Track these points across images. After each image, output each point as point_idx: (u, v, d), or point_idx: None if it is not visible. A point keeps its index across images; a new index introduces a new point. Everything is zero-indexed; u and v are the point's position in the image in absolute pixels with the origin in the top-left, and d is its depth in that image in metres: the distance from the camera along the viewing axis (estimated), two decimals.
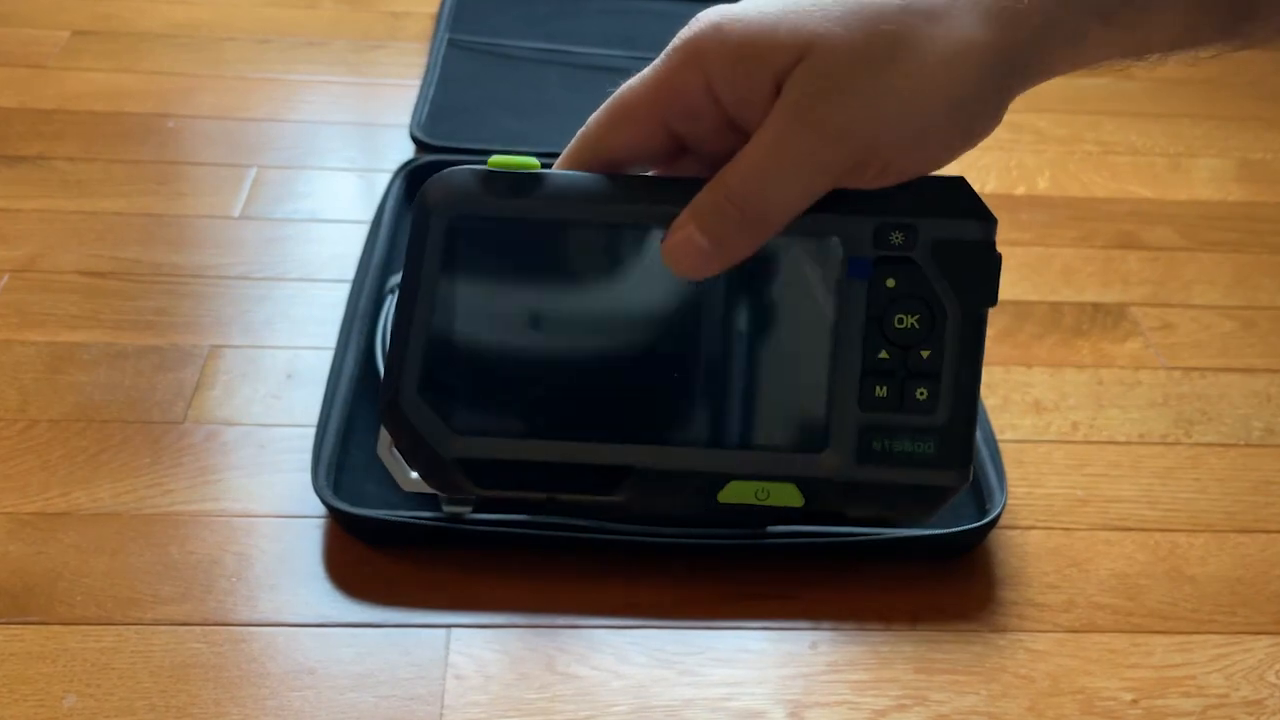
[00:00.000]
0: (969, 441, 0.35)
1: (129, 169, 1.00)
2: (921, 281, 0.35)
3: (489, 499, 0.60)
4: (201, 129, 1.07)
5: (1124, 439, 0.79)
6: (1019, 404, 0.82)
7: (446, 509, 0.67)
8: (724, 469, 0.36)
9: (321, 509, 0.69)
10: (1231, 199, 1.06)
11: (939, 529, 0.68)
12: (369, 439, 0.73)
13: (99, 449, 0.73)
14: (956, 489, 0.35)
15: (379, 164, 1.03)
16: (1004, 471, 0.73)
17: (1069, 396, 0.83)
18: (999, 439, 0.77)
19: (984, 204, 0.35)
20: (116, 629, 0.63)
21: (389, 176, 0.97)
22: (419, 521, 0.67)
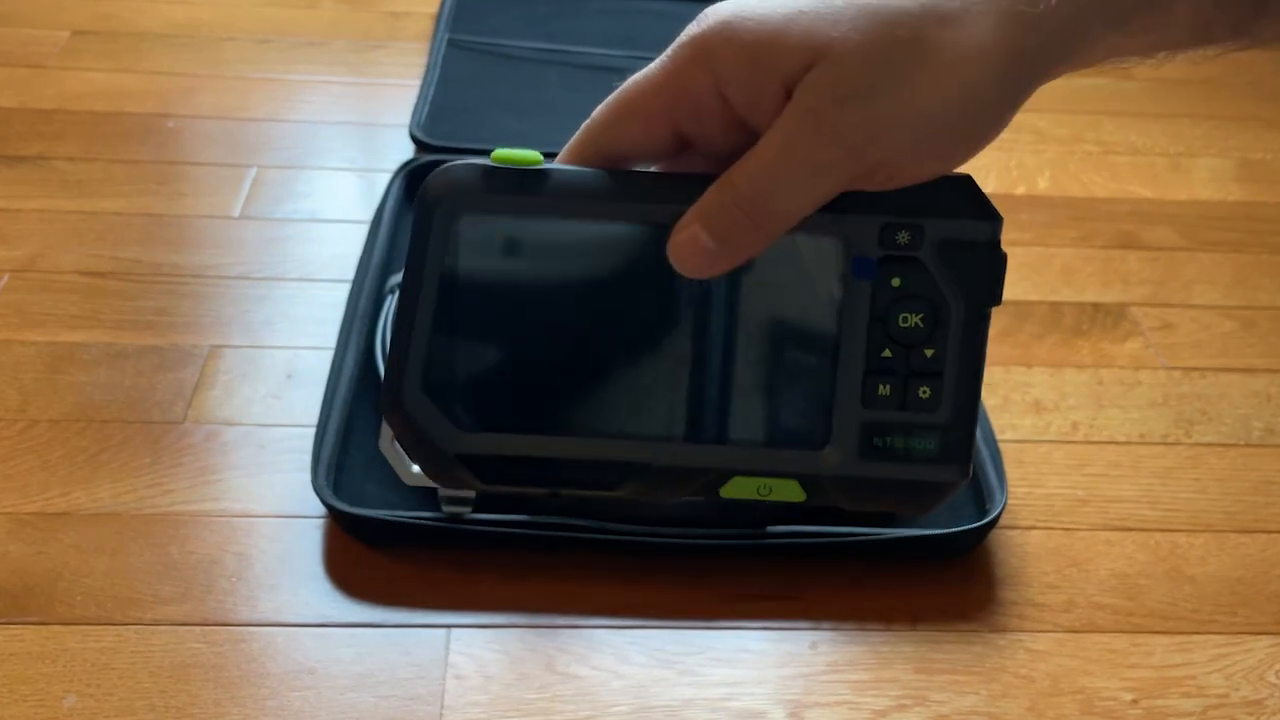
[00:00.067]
0: (970, 438, 0.35)
1: (129, 169, 1.00)
2: (927, 281, 0.35)
3: (491, 493, 0.60)
4: (201, 129, 1.07)
5: (1124, 439, 0.79)
6: (1019, 404, 0.82)
7: (446, 509, 0.67)
8: (726, 464, 0.36)
9: (321, 509, 0.69)
10: (1232, 199, 1.06)
11: (939, 529, 0.68)
12: (369, 439, 0.73)
13: (99, 449, 0.73)
14: (957, 485, 0.36)
15: (379, 164, 1.03)
16: (1004, 471, 0.72)
17: (1069, 396, 0.83)
18: (999, 439, 0.77)
19: (991, 203, 0.35)
20: (116, 629, 0.63)
21: (389, 176, 0.97)
22: (419, 521, 0.67)
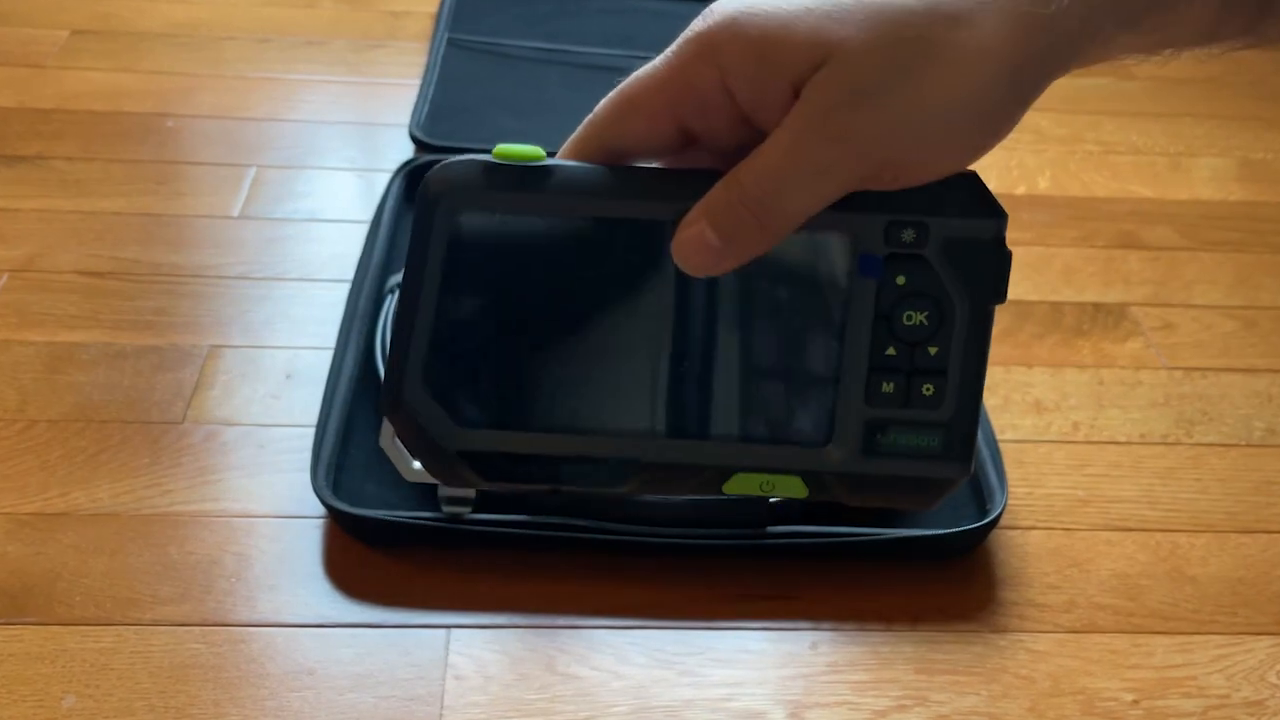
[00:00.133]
0: (973, 435, 0.35)
1: (128, 169, 1.00)
2: (932, 279, 0.34)
3: (492, 491, 0.60)
4: (201, 129, 1.06)
5: (1125, 439, 0.79)
6: (1020, 404, 0.82)
7: (446, 509, 0.67)
8: (729, 461, 0.35)
9: (321, 509, 0.69)
10: (1232, 199, 1.06)
11: (940, 529, 0.68)
12: (369, 439, 0.73)
13: (98, 449, 0.73)
14: (959, 481, 0.35)
15: (379, 164, 1.03)
16: (1004, 472, 0.72)
17: (1070, 396, 0.82)
18: (1000, 439, 0.77)
19: (996, 201, 0.35)
20: (115, 629, 0.63)
21: (389, 176, 0.97)
22: (419, 521, 0.67)
